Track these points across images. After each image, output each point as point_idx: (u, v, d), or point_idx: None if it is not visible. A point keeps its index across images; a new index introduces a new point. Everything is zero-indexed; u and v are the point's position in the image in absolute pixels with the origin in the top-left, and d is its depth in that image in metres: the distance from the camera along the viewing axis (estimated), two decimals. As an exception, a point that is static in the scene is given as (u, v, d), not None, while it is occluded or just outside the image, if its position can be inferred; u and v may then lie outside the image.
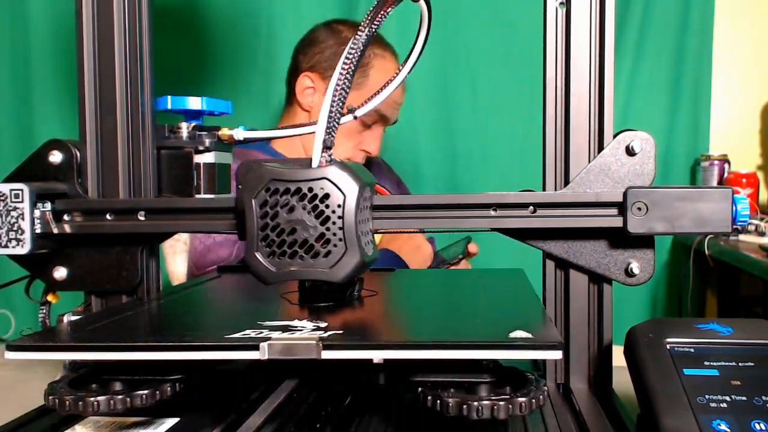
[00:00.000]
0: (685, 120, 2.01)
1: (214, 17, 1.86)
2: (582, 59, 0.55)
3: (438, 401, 0.40)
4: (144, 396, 0.42)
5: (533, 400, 0.40)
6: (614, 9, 0.54)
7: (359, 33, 0.48)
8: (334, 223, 0.47)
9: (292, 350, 0.41)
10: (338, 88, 0.48)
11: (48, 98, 1.87)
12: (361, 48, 0.48)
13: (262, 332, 0.43)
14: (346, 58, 0.48)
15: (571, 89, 0.55)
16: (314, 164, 0.48)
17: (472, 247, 1.38)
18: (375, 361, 0.43)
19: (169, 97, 0.60)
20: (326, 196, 0.47)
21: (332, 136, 0.49)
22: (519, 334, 0.40)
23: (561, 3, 0.55)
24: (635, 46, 1.96)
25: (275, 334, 0.42)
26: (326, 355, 0.40)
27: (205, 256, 1.18)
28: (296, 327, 0.44)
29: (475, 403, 0.39)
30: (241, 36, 1.86)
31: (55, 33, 1.86)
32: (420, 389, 0.42)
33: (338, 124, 0.49)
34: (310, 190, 0.48)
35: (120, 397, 0.42)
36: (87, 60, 0.59)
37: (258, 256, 0.48)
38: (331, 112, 0.48)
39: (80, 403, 0.41)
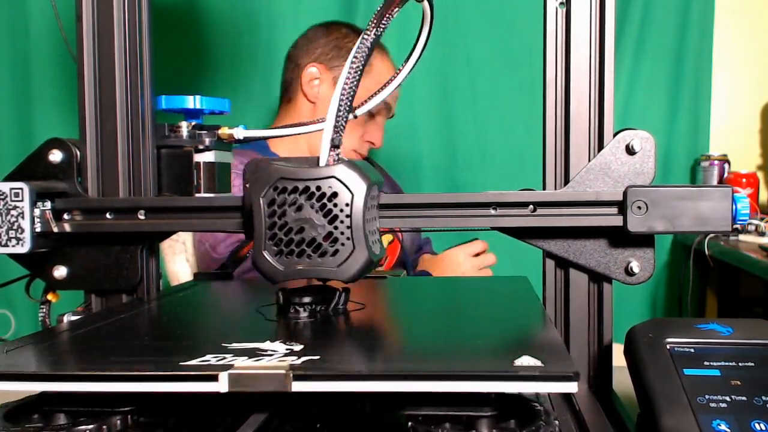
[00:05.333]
0: (685, 120, 2.01)
1: (213, 17, 1.85)
2: (582, 59, 0.54)
3: None
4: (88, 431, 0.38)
5: None
6: (614, 9, 0.54)
7: (367, 33, 0.48)
8: (342, 221, 0.47)
9: (256, 382, 0.35)
10: (346, 87, 0.48)
11: (48, 98, 1.87)
12: (369, 47, 0.48)
13: (225, 357, 0.38)
14: (354, 57, 0.48)
15: (571, 89, 0.55)
16: (322, 163, 0.48)
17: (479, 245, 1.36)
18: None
19: (168, 96, 0.60)
20: (334, 194, 0.47)
21: (340, 134, 0.49)
22: (527, 361, 0.36)
23: (561, 3, 0.55)
24: (635, 46, 1.96)
25: (239, 361, 0.37)
26: (297, 387, 0.35)
27: (209, 255, 1.19)
28: (266, 351, 0.40)
29: None
30: (241, 36, 1.86)
31: (55, 33, 1.85)
32: (410, 424, 0.37)
33: (345, 122, 0.49)
34: (318, 188, 0.47)
35: None
36: (87, 60, 0.59)
37: (266, 254, 0.48)
38: (339, 110, 0.48)
39: None
